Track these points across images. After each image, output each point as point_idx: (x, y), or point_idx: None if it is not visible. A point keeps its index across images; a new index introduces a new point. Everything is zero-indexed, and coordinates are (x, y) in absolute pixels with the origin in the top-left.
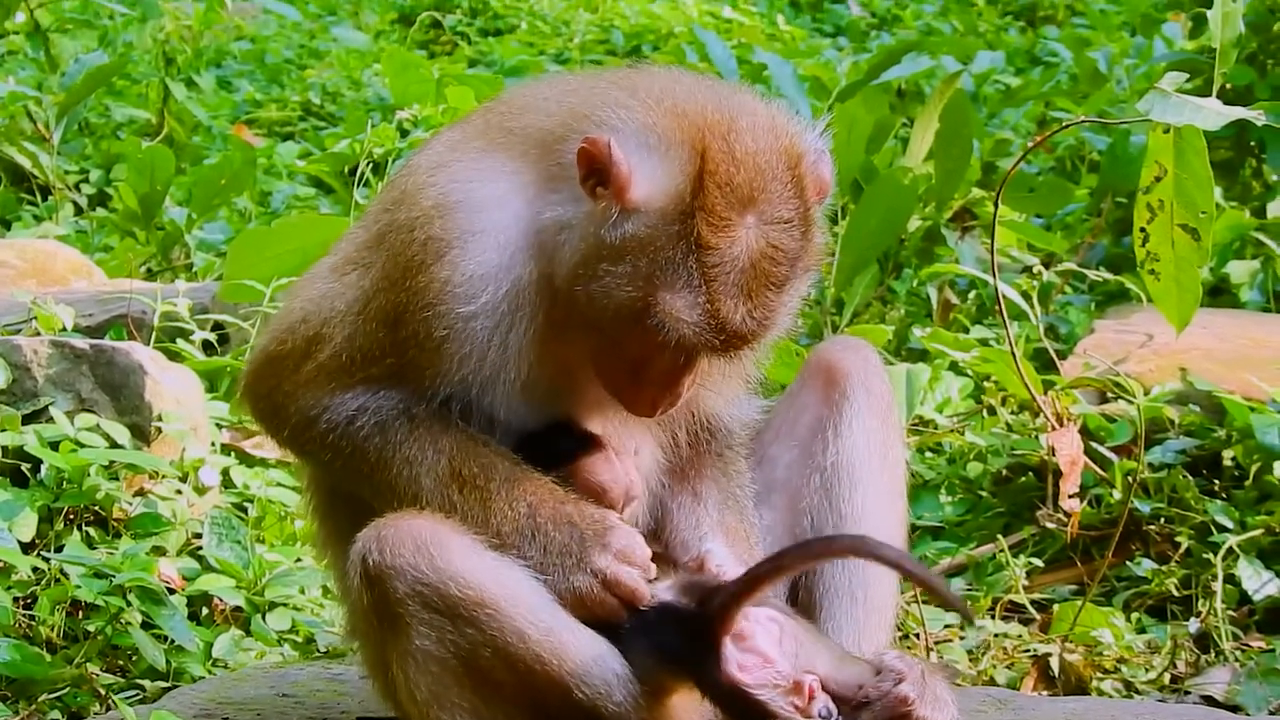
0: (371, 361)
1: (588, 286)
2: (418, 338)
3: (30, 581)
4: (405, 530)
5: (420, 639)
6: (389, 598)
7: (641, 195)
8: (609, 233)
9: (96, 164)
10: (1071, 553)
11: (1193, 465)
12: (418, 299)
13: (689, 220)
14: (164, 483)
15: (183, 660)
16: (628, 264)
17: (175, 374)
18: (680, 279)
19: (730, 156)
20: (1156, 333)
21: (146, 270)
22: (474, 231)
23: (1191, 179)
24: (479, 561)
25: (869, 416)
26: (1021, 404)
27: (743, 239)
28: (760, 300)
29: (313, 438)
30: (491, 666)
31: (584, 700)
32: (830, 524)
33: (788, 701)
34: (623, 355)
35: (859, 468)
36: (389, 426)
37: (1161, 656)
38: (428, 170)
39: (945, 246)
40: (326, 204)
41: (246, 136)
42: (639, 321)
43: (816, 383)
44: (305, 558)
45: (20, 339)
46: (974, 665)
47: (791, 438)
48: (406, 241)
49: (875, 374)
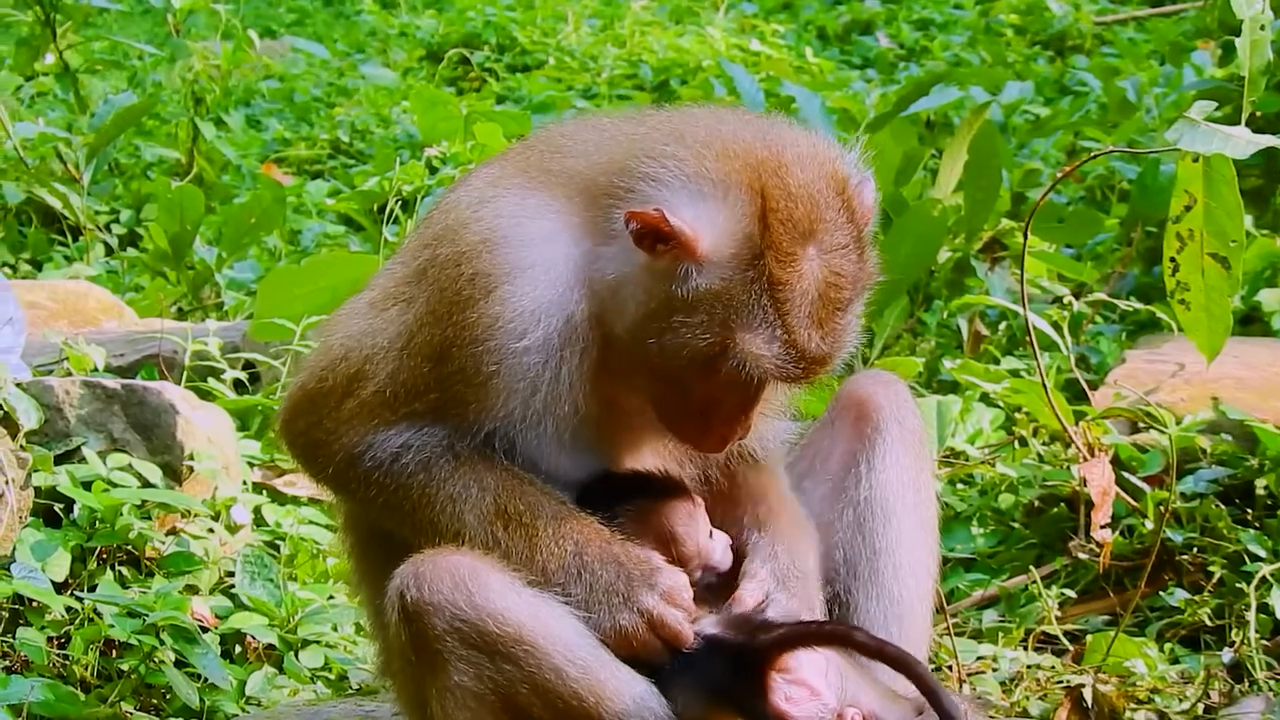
0: (415, 397)
1: (662, 339)
2: (464, 373)
3: (64, 621)
4: (443, 566)
5: (458, 675)
6: (427, 634)
7: (709, 247)
8: (681, 288)
9: (126, 204)
10: (1104, 583)
11: (1225, 494)
12: (466, 334)
13: (760, 261)
14: (196, 521)
15: (216, 698)
16: (703, 314)
17: (207, 413)
18: (756, 319)
19: (786, 192)
20: (1188, 362)
21: (177, 310)
22: (524, 267)
23: (1221, 207)
24: (517, 599)
25: (902, 452)
26: (1053, 435)
27: (809, 271)
28: (830, 326)
29: (356, 476)
30: (529, 703)
31: None
32: (864, 558)
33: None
34: (693, 398)
35: (892, 502)
36: (433, 463)
37: (1195, 686)
38: (470, 206)
39: (975, 278)
40: (356, 242)
41: (276, 175)
42: (717, 364)
43: (848, 417)
44: (338, 595)
45: (52, 379)
46: (1007, 697)
47: (824, 472)
48: (453, 277)
49: (907, 408)
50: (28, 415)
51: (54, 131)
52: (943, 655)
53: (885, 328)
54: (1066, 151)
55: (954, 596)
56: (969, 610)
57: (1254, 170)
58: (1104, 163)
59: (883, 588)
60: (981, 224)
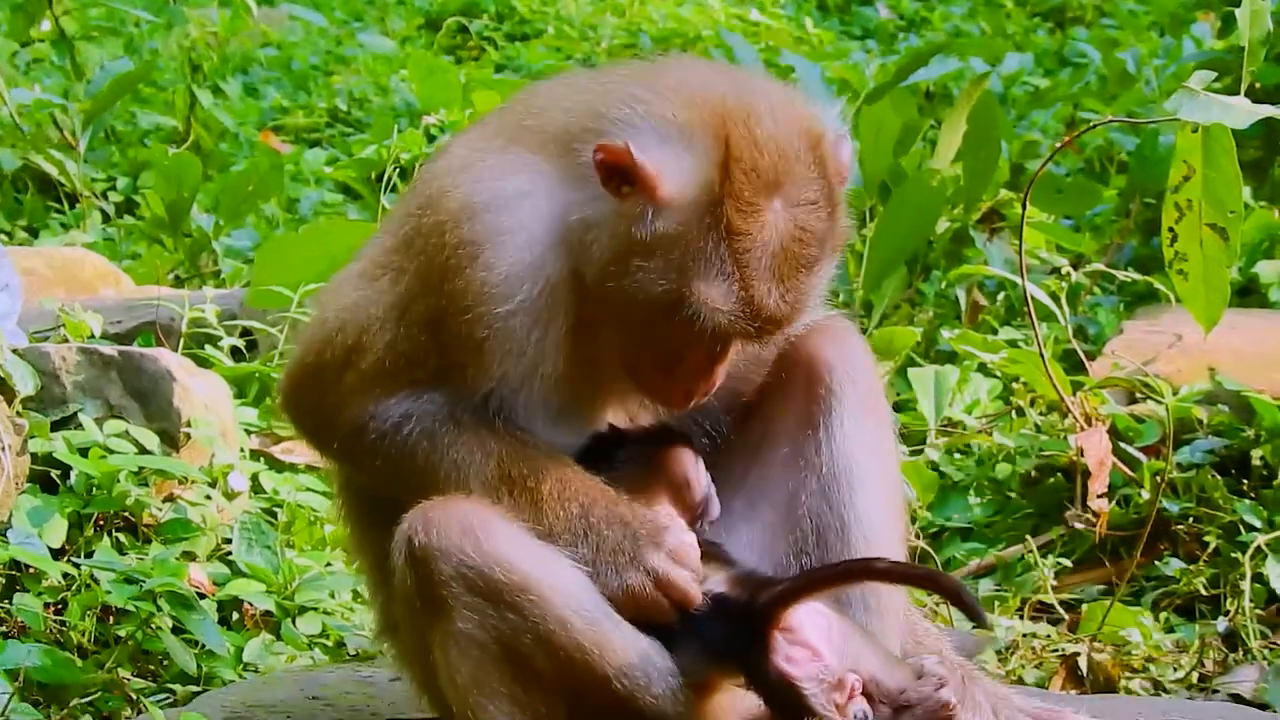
0: (416, 364)
1: (621, 282)
2: (460, 339)
3: (61, 587)
4: (452, 513)
5: (463, 622)
6: (433, 579)
7: (670, 190)
8: (640, 230)
9: (123, 171)
10: (1100, 553)
11: (1221, 465)
12: (457, 302)
13: (718, 209)
14: (193, 488)
15: (213, 665)
16: (660, 258)
17: (204, 380)
18: (713, 268)
19: (753, 142)
20: (1185, 333)
21: (174, 277)
22: (502, 231)
23: (1220, 178)
24: (525, 548)
25: (860, 413)
26: (1050, 405)
27: (771, 223)
28: (792, 283)
29: (361, 447)
30: (532, 654)
31: (622, 692)
32: (834, 530)
33: (829, 698)
34: (655, 350)
35: (856, 470)
36: (436, 431)
37: (1189, 655)
38: (450, 173)
39: (973, 248)
40: (354, 210)
41: (273, 143)
42: (674, 313)
43: (798, 377)
44: (335, 562)
45: (49, 346)
46: (1003, 665)
47: (781, 434)
48: (438, 246)
49: (861, 364)
50: (24, 381)
51: (50, 98)
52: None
53: (883, 298)
54: (1065, 123)
55: (950, 565)
56: (965, 579)
57: (1253, 142)
58: (1103, 134)
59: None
60: (980, 194)
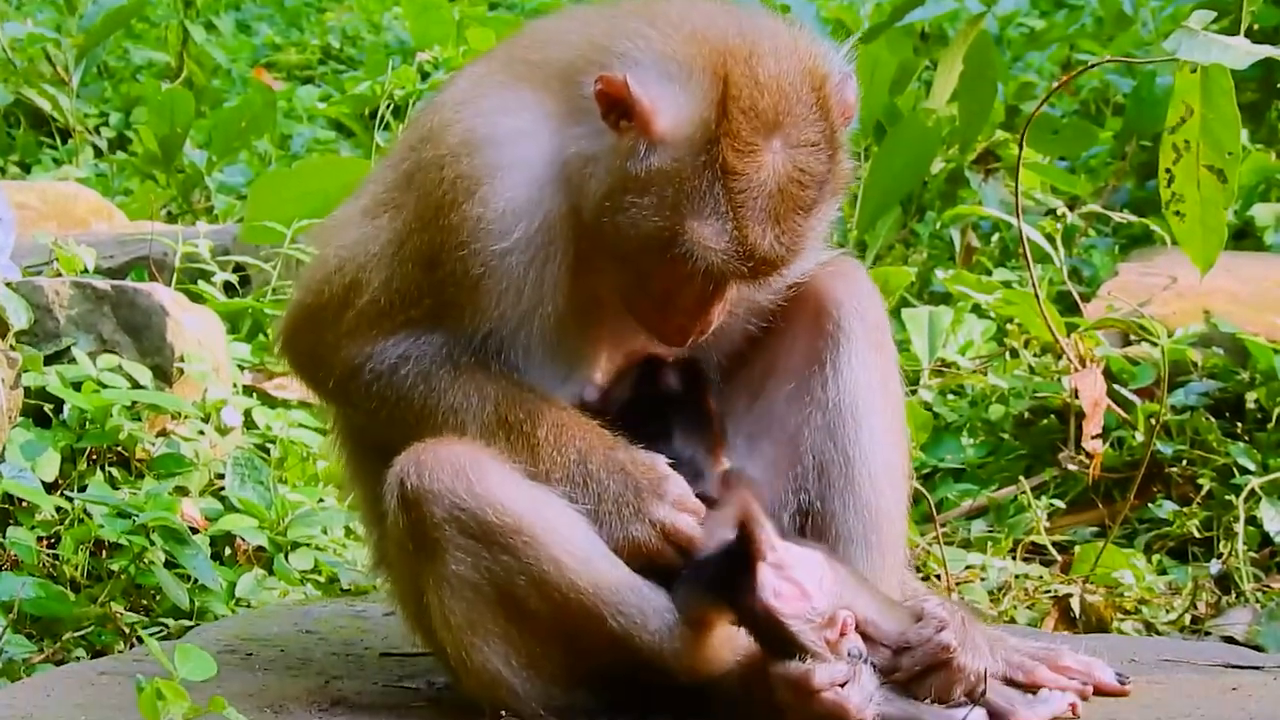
0: (411, 303)
1: (614, 218)
2: (455, 276)
3: (54, 521)
4: (444, 455)
5: (456, 564)
6: (425, 521)
7: (666, 126)
8: (635, 165)
9: (116, 107)
10: (1093, 495)
11: (1215, 408)
12: (452, 238)
13: (714, 147)
14: (186, 423)
15: (206, 599)
16: (654, 195)
17: (197, 315)
18: (707, 207)
19: (753, 81)
20: (1180, 275)
21: (167, 213)
22: (501, 166)
23: (1218, 119)
24: (517, 489)
25: (867, 349)
26: (1044, 346)
27: (769, 164)
28: (788, 225)
29: (358, 388)
30: (526, 594)
31: (618, 630)
32: (838, 465)
33: (819, 635)
34: (651, 286)
35: (862, 406)
36: (432, 374)
37: (1182, 597)
38: (452, 107)
39: (969, 189)
40: (347, 147)
41: (266, 79)
42: (666, 251)
43: (805, 311)
44: (328, 498)
45: (42, 280)
46: (995, 606)
47: (786, 370)
48: (436, 180)
49: (869, 300)
50: (17, 315)
51: (43, 32)
52: (931, 564)
53: (878, 238)
54: (1061, 64)
55: (943, 506)
56: (958, 520)
57: (1250, 84)
58: (1099, 76)
59: (859, 498)
60: (975, 135)
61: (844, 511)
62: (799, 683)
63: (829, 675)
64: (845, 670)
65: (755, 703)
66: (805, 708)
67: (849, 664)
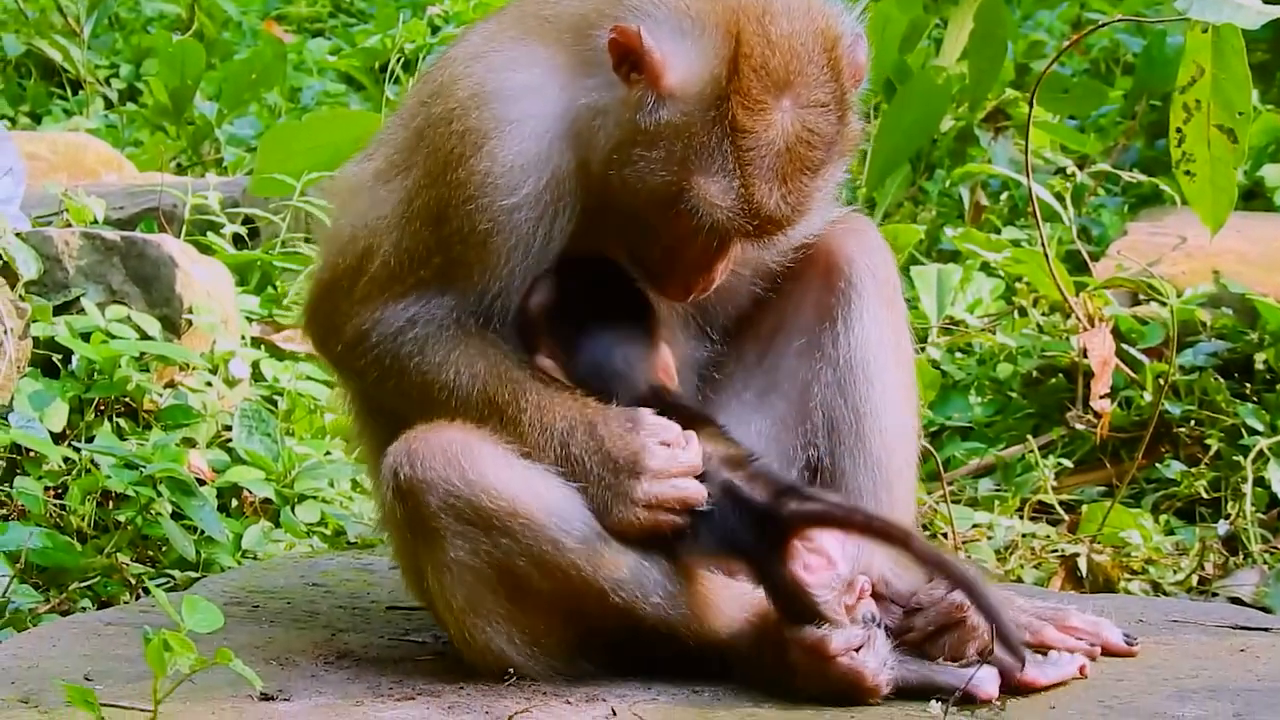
0: (420, 264)
1: (622, 171)
2: (462, 233)
3: (61, 471)
4: (435, 443)
5: (455, 550)
6: (421, 512)
7: (676, 80)
8: (644, 118)
9: (127, 59)
10: (1101, 454)
11: (1224, 368)
12: (460, 193)
13: (724, 104)
14: (194, 375)
15: (212, 551)
16: (662, 149)
17: (206, 267)
18: (715, 163)
19: (765, 39)
20: (1190, 235)
21: (177, 164)
22: (510, 120)
23: (1229, 79)
24: (510, 472)
25: (879, 306)
26: (1053, 305)
27: (778, 123)
28: (795, 185)
29: (363, 353)
30: (527, 575)
31: (620, 603)
32: (848, 422)
33: (839, 601)
34: (657, 241)
35: (873, 363)
36: (429, 345)
37: (1190, 558)
38: (463, 61)
39: (978, 147)
40: (356, 100)
41: (276, 32)
42: (673, 206)
43: (816, 267)
44: (335, 451)
45: (52, 230)
46: (1001, 565)
47: (796, 326)
48: (444, 135)
49: (880, 257)
50: (27, 265)
51: None
52: (938, 522)
53: (887, 195)
54: (1071, 23)
55: (950, 464)
56: (965, 478)
57: (1261, 45)
58: (1109, 35)
59: (869, 454)
60: (985, 94)
61: (854, 469)
62: (815, 648)
63: (845, 640)
64: (861, 635)
65: (767, 663)
66: (820, 672)
67: (864, 628)
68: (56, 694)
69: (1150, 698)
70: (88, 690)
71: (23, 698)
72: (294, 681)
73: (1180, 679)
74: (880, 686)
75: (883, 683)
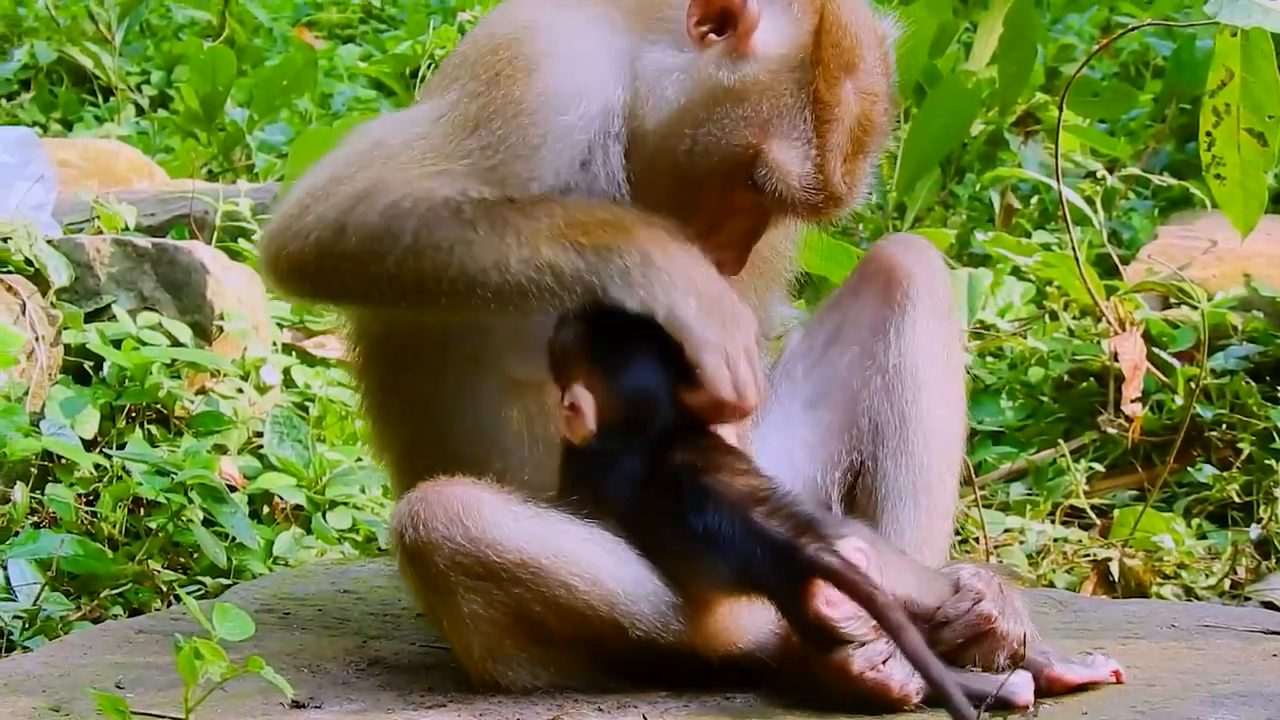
0: (448, 159)
1: (696, 131)
2: (508, 142)
3: (93, 478)
4: (436, 503)
5: (468, 605)
6: (431, 571)
7: (764, 41)
8: (728, 75)
9: (158, 65)
10: (1132, 458)
11: (1255, 371)
12: (509, 107)
13: (810, 71)
14: (225, 381)
15: (244, 558)
16: (747, 108)
17: (237, 273)
18: (795, 130)
19: (840, 23)
20: (1220, 238)
21: (208, 171)
22: (564, 52)
23: (1259, 83)
24: (515, 523)
25: (933, 320)
26: (1083, 309)
27: (848, 101)
28: (854, 164)
29: (372, 233)
30: (543, 618)
31: (641, 636)
32: (893, 425)
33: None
34: (700, 212)
35: (922, 371)
36: (484, 214)
37: (1222, 562)
38: (505, 12)
39: (1008, 151)
40: (387, 106)
41: (307, 38)
42: (743, 171)
43: (877, 282)
44: (366, 457)
45: (83, 237)
46: (1034, 569)
47: (852, 337)
48: (489, 63)
49: (938, 276)
50: (58, 272)
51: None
52: (970, 527)
53: (917, 199)
54: (1101, 27)
55: (982, 469)
56: (997, 483)
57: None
58: (1139, 38)
59: (911, 456)
60: (1015, 97)
61: (895, 470)
62: (839, 669)
63: (868, 657)
64: (885, 649)
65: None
66: (848, 690)
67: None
68: (88, 702)
69: (1182, 703)
70: (119, 698)
71: (54, 706)
72: (325, 689)
73: (1213, 684)
74: (910, 696)
75: (911, 691)
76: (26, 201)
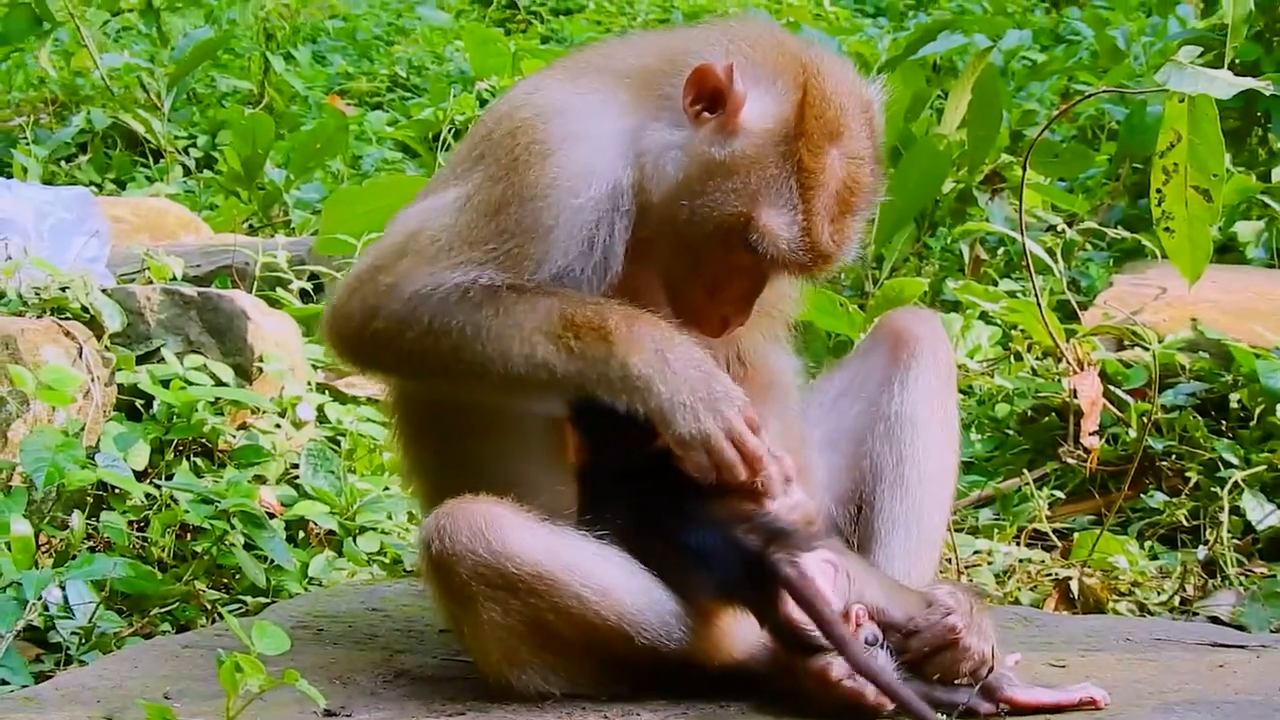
0: (472, 245)
1: (693, 202)
2: (523, 226)
3: (143, 507)
4: (461, 518)
5: (487, 613)
6: (454, 581)
7: (751, 117)
8: (719, 150)
9: (203, 130)
10: (1090, 486)
11: (1202, 407)
12: (526, 191)
13: (794, 143)
14: (264, 418)
15: (281, 578)
16: (737, 180)
17: (275, 319)
18: (782, 197)
19: (823, 93)
20: (1170, 286)
21: (248, 226)
22: (577, 135)
23: (1204, 144)
24: (533, 539)
25: (933, 376)
26: (1046, 350)
27: (832, 167)
28: (841, 224)
29: (409, 321)
30: (556, 627)
31: (646, 644)
32: (890, 464)
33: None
34: (703, 274)
35: (921, 418)
36: (500, 295)
37: (1172, 581)
38: (524, 93)
39: (976, 207)
40: (412, 167)
41: (339, 106)
42: (735, 237)
43: (886, 344)
44: (393, 487)
45: (135, 287)
46: (1000, 587)
47: (860, 392)
48: (509, 147)
49: (942, 343)
50: (112, 319)
51: (138, 62)
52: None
53: (894, 251)
54: (1060, 94)
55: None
56: (967, 509)
57: (1233, 112)
58: (1095, 104)
59: (906, 489)
60: (983, 158)
61: (890, 501)
62: (819, 674)
63: (845, 666)
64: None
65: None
66: (827, 695)
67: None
68: (138, 712)
69: (1136, 710)
70: (166, 708)
71: (108, 715)
72: (355, 699)
73: (1164, 693)
74: (883, 705)
75: (885, 701)
76: (83, 255)
